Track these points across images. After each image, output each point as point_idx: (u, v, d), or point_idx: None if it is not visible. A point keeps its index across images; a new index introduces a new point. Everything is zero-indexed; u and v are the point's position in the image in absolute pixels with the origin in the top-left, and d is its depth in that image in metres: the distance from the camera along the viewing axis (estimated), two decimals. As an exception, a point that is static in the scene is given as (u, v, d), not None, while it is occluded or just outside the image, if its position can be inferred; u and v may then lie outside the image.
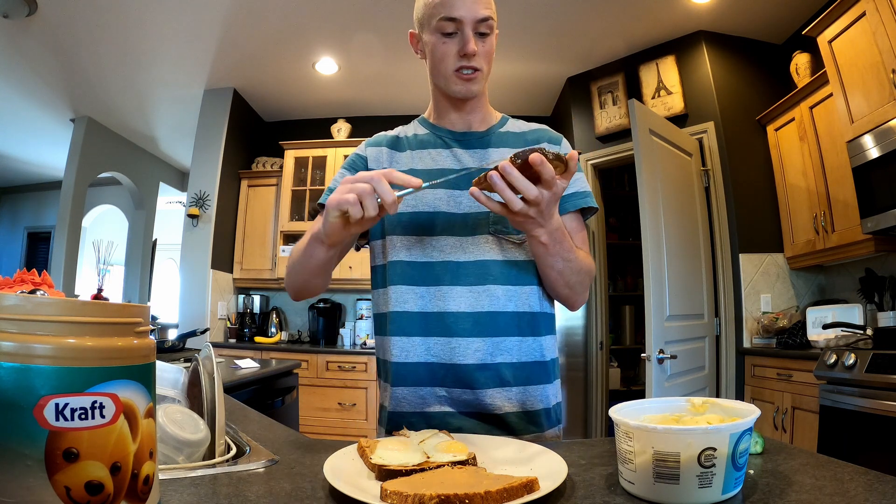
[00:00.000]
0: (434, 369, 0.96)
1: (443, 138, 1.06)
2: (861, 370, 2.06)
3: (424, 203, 1.00)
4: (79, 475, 0.42)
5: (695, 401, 0.66)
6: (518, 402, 0.97)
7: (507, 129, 1.08)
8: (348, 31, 3.46)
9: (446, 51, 0.96)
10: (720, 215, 3.21)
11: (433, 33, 0.96)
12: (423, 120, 1.11)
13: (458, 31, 0.95)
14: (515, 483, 0.52)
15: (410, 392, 0.97)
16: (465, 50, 0.94)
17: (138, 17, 3.29)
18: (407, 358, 0.97)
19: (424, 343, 0.96)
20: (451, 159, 1.04)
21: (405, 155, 1.05)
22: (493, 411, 0.95)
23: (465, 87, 0.98)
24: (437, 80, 1.02)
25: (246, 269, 4.37)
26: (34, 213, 6.88)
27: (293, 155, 4.32)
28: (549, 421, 1.01)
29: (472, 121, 1.06)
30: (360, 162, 1.07)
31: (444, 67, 0.97)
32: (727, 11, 3.19)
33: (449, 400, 0.96)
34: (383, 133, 1.12)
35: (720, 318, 3.15)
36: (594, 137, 3.86)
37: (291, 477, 0.63)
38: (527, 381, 0.98)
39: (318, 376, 3.75)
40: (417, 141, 1.07)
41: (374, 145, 1.08)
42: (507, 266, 0.99)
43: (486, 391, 0.95)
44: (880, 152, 2.29)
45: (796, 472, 0.62)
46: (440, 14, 0.94)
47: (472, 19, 0.94)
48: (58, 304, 0.43)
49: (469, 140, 1.05)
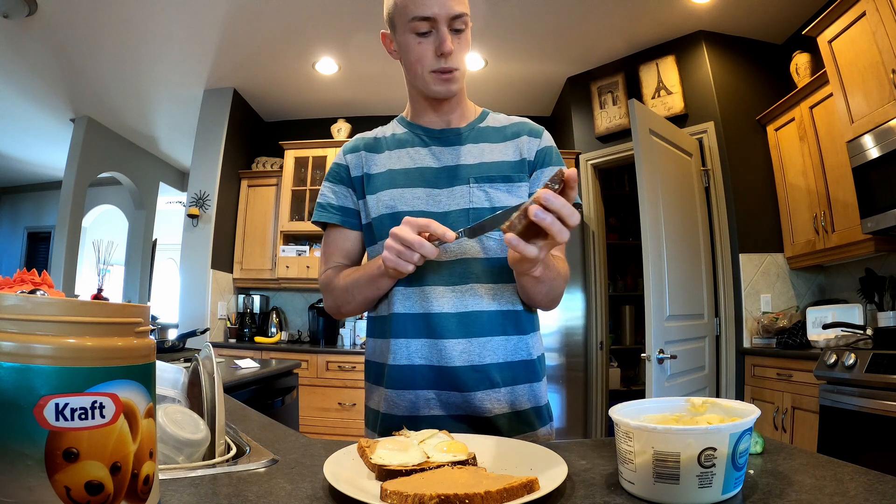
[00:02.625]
0: (423, 372, 0.94)
1: (420, 136, 1.04)
2: (861, 370, 2.06)
3: (403, 202, 0.98)
4: (79, 475, 0.42)
5: (695, 401, 0.66)
6: (507, 403, 0.95)
7: (487, 124, 1.06)
8: (348, 31, 3.46)
9: (422, 51, 0.94)
10: (720, 215, 3.21)
11: (407, 33, 0.94)
12: (401, 119, 1.10)
13: (433, 29, 0.92)
14: (515, 483, 0.52)
15: (401, 395, 0.95)
16: (442, 49, 0.92)
17: (138, 17, 3.29)
18: (398, 360, 0.96)
19: (414, 345, 0.95)
20: (429, 157, 1.02)
21: (383, 156, 1.04)
22: (482, 414, 0.94)
23: (444, 88, 0.97)
24: (414, 81, 1.00)
25: (246, 269, 4.37)
26: (34, 213, 6.88)
27: (293, 155, 4.32)
28: (541, 420, 1.00)
29: (451, 118, 1.05)
30: (342, 171, 1.06)
31: (421, 68, 0.95)
32: (727, 11, 3.19)
33: (438, 403, 0.94)
34: (360, 136, 1.10)
35: (720, 318, 3.15)
36: (594, 137, 3.86)
37: (291, 477, 0.63)
38: (515, 381, 0.96)
39: (318, 376, 3.75)
40: (395, 140, 1.05)
41: (352, 151, 1.07)
42: (489, 264, 0.97)
43: (475, 393, 0.93)
44: (880, 152, 2.29)
45: (796, 472, 0.62)
46: (413, 13, 0.91)
47: (447, 16, 0.91)
48: (58, 304, 0.43)
49: (447, 137, 1.03)
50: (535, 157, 1.04)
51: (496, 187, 0.99)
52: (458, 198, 0.98)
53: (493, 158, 1.02)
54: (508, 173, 1.00)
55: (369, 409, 1.05)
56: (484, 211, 0.97)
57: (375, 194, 1.01)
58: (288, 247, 4.17)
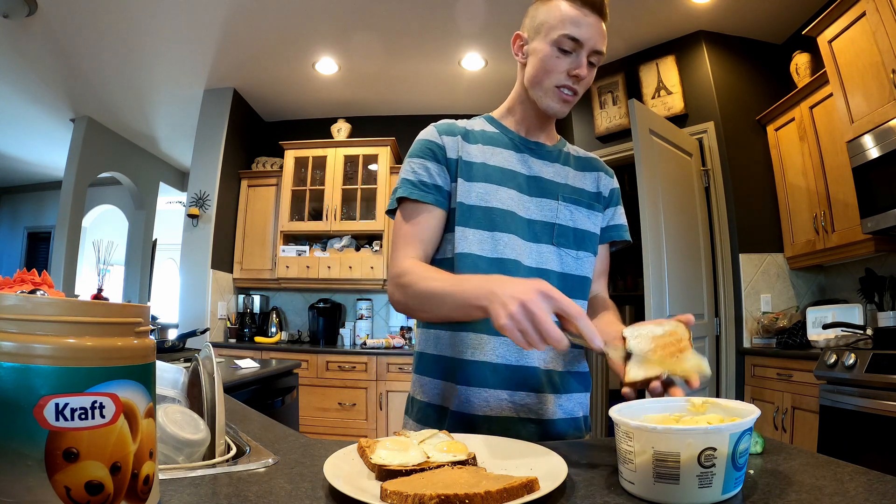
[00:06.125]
0: (500, 370, 0.95)
1: (514, 141, 1.05)
2: (861, 370, 2.06)
3: (497, 199, 0.99)
4: (79, 475, 0.42)
5: (695, 401, 0.66)
6: (569, 409, 1.00)
7: (568, 151, 1.12)
8: (348, 31, 3.46)
9: (557, 65, 0.96)
10: (720, 215, 3.21)
11: (549, 45, 0.96)
12: (490, 118, 1.10)
13: (575, 52, 0.95)
14: (515, 483, 0.52)
15: (476, 393, 0.95)
16: (578, 72, 0.95)
17: (138, 17, 3.29)
18: (473, 356, 0.95)
19: (492, 343, 0.95)
20: (521, 164, 1.04)
21: (475, 148, 1.02)
22: (550, 416, 0.97)
23: (561, 107, 1.00)
24: (534, 90, 1.01)
25: (246, 269, 4.37)
26: (34, 213, 6.88)
27: (293, 155, 4.32)
28: (587, 427, 1.05)
29: (542, 136, 1.09)
30: (439, 152, 1.01)
31: (549, 81, 0.97)
32: (727, 11, 3.19)
33: (511, 404, 0.95)
34: (450, 121, 1.06)
35: (720, 318, 3.15)
36: (594, 137, 3.85)
37: (291, 477, 0.63)
38: (576, 389, 1.02)
39: (318, 376, 3.75)
40: (486, 137, 1.05)
41: (448, 134, 1.02)
42: (564, 279, 1.01)
43: (546, 396, 0.97)
44: (880, 152, 2.29)
45: (796, 472, 0.62)
46: (565, 30, 0.94)
47: (592, 47, 0.95)
48: (58, 304, 0.43)
49: (539, 150, 1.07)
50: (609, 194, 1.12)
51: (580, 210, 1.05)
52: (546, 210, 1.02)
53: (577, 184, 1.08)
54: (590, 201, 1.08)
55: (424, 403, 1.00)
56: (567, 229, 1.03)
57: (470, 182, 0.99)
58: (288, 247, 4.17)
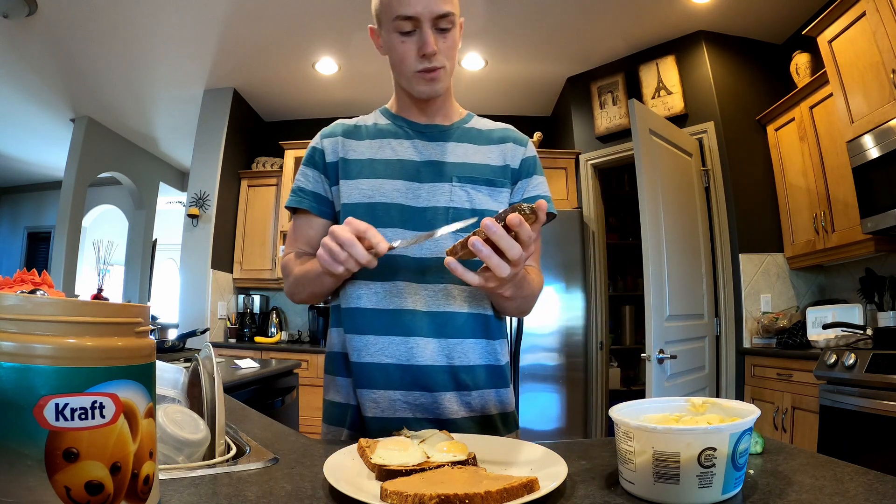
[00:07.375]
0: (391, 371, 0.91)
1: (404, 129, 1.02)
2: (861, 370, 2.06)
3: (382, 193, 0.96)
4: (79, 475, 0.42)
5: (695, 401, 0.66)
6: (477, 407, 0.94)
7: (472, 126, 1.05)
8: (348, 31, 3.46)
9: (406, 51, 0.92)
10: (720, 215, 3.21)
11: (391, 32, 0.92)
12: (384, 110, 1.07)
13: (417, 29, 0.90)
14: (515, 483, 0.52)
15: (367, 395, 0.92)
16: (425, 50, 0.90)
17: (138, 17, 3.28)
18: (361, 357, 0.92)
19: (379, 342, 0.92)
20: (412, 150, 1.00)
21: (363, 143, 1.01)
22: (449, 416, 0.91)
23: (429, 88, 0.95)
24: (400, 80, 0.98)
25: (246, 269, 4.37)
26: (34, 213, 6.88)
27: (293, 155, 4.31)
28: (507, 426, 0.98)
29: (435, 118, 1.03)
30: (317, 155, 1.03)
31: (405, 68, 0.94)
32: (727, 11, 3.19)
33: (405, 404, 0.91)
34: (340, 122, 1.07)
35: (720, 318, 3.15)
36: (594, 137, 3.86)
37: (291, 477, 0.63)
38: (484, 385, 0.95)
39: (318, 376, 3.75)
40: (377, 130, 1.03)
41: (329, 136, 1.04)
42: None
43: (444, 394, 0.91)
44: (880, 152, 2.29)
45: (796, 472, 0.62)
46: (396, 12, 0.89)
47: (430, 16, 0.89)
48: (58, 304, 0.43)
49: (431, 132, 1.02)
50: (520, 165, 1.04)
51: (479, 189, 0.98)
52: (439, 195, 0.96)
53: (477, 160, 1.00)
54: (492, 177, 1.00)
55: (334, 404, 1.00)
56: (464, 211, 0.95)
57: (353, 181, 0.98)
58: (288, 247, 4.17)
